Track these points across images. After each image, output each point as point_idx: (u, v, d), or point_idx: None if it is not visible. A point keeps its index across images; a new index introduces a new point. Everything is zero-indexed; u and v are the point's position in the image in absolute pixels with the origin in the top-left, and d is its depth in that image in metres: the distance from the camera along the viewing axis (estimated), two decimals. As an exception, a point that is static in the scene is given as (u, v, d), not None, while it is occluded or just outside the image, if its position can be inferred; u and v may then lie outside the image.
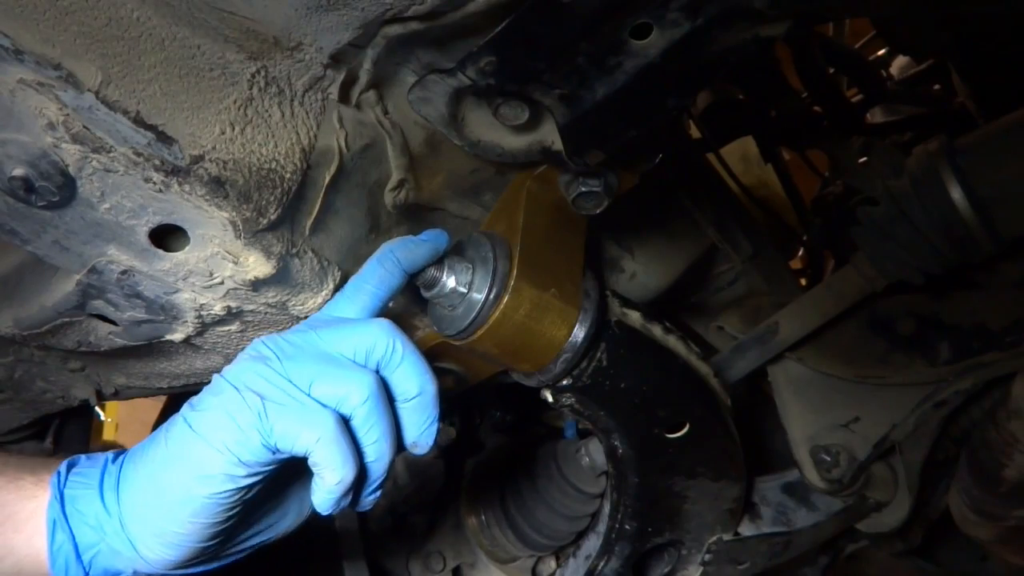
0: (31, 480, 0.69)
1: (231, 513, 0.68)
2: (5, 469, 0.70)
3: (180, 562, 0.68)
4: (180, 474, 0.66)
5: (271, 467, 0.67)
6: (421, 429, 0.75)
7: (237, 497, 0.67)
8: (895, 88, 2.00)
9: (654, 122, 0.78)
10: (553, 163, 0.88)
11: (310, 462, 0.67)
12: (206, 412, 0.67)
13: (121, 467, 0.70)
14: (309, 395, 0.67)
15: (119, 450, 0.73)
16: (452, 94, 0.74)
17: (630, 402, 1.01)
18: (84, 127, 0.64)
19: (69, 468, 0.70)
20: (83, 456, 0.72)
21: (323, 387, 0.68)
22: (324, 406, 0.67)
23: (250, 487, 0.67)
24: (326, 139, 0.78)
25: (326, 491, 0.69)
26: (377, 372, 0.72)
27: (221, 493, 0.65)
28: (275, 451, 0.66)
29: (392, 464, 0.74)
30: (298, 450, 0.66)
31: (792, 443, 1.24)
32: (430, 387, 0.75)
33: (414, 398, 0.74)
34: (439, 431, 0.78)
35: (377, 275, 0.80)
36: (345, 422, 0.68)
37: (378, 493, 0.75)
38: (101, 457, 0.72)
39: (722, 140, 1.75)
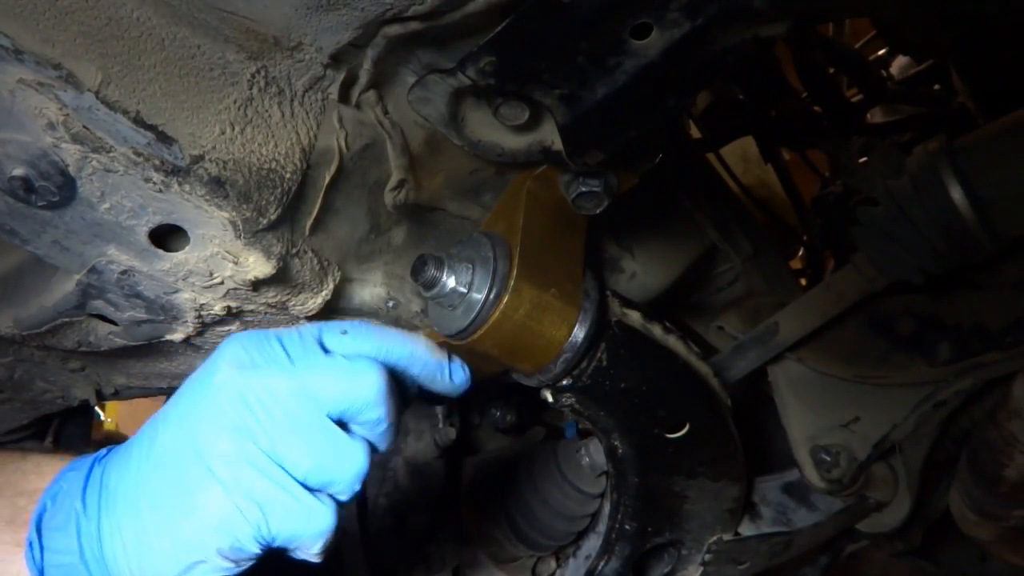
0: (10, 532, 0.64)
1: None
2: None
3: None
4: (173, 553, 0.63)
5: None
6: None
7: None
8: (895, 88, 2.00)
9: (654, 122, 0.78)
10: (553, 163, 0.88)
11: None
12: (195, 514, 0.62)
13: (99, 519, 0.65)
14: (306, 486, 0.66)
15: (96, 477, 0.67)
16: (452, 94, 0.74)
17: (630, 402, 1.00)
18: (84, 127, 0.64)
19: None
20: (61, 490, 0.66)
21: (319, 477, 0.66)
22: (322, 503, 0.66)
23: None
24: (326, 139, 0.78)
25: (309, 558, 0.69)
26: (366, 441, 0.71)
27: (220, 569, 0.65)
28: (273, 546, 0.66)
29: None
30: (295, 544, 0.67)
31: (792, 443, 1.24)
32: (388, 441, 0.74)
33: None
34: (443, 430, 0.77)
35: (390, 341, 0.77)
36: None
37: None
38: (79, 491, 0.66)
39: (722, 140, 1.75)
